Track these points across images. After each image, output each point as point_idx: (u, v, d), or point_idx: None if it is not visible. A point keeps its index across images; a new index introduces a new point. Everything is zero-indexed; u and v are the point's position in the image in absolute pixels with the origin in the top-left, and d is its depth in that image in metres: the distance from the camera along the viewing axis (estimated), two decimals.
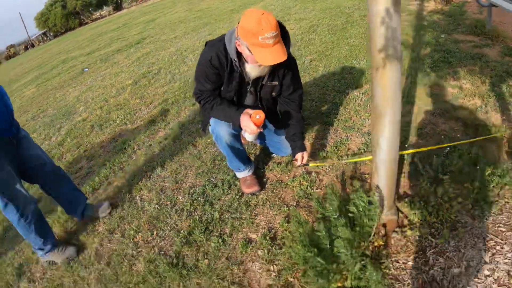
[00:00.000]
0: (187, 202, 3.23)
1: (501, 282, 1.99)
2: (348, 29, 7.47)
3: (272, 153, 3.55)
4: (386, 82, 1.98)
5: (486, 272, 2.07)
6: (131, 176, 4.00)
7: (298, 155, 3.11)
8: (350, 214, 2.27)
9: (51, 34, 51.16)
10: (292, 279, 2.30)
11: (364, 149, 3.38)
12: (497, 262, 2.11)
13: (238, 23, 2.48)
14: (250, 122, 2.60)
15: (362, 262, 2.09)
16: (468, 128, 3.43)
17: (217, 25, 11.82)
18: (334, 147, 3.50)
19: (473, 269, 2.11)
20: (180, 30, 12.94)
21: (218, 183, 3.37)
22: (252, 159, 3.55)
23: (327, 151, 3.47)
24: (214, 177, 3.50)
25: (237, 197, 3.13)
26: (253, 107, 2.84)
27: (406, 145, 3.32)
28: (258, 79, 2.84)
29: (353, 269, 2.05)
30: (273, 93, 2.96)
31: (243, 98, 2.98)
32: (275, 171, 3.36)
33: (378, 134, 2.18)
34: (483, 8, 6.74)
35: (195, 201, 3.21)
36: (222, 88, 2.83)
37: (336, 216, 2.19)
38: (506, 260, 2.10)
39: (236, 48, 2.58)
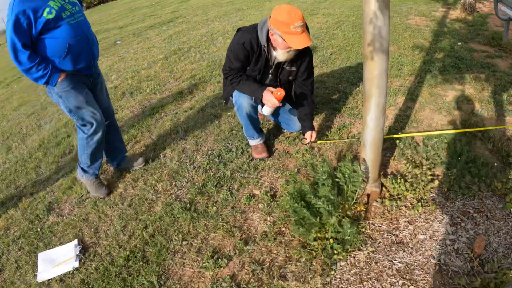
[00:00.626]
0: (204, 161, 3.76)
1: (459, 252, 2.43)
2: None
3: (283, 129, 4.06)
4: (373, 71, 2.46)
5: (448, 242, 2.52)
6: (157, 137, 4.54)
7: (307, 134, 3.65)
8: (337, 179, 2.74)
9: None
10: (284, 229, 2.79)
11: None
12: (459, 235, 2.56)
13: (270, 16, 3.08)
14: (272, 97, 3.17)
15: (342, 219, 2.57)
16: (459, 125, 3.87)
17: (249, 11, 12.24)
18: (338, 129, 3.99)
19: (437, 237, 2.57)
20: (212, 13, 13.36)
21: (233, 148, 3.88)
22: (265, 132, 4.03)
23: (332, 131, 3.95)
24: (230, 143, 4.00)
25: (248, 161, 3.65)
26: (273, 86, 3.36)
27: (399, 133, 3.78)
28: (279, 64, 3.41)
29: (330, 222, 2.52)
30: (290, 77, 3.53)
31: (264, 78, 3.52)
32: (283, 144, 3.86)
33: (366, 114, 2.65)
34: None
35: (211, 161, 3.73)
36: (248, 68, 3.40)
37: (324, 178, 2.65)
38: (468, 235, 2.54)
39: (267, 36, 3.18)
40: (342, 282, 2.34)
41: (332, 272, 2.39)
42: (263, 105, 3.40)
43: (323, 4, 11.69)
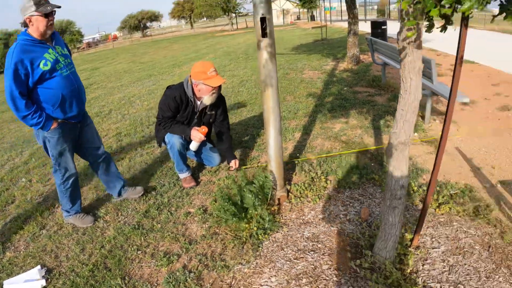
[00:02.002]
0: (143, 196, 4.54)
1: (351, 220, 3.47)
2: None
3: (206, 165, 5.03)
4: (269, 102, 3.57)
5: (341, 216, 3.61)
6: (97, 182, 5.17)
7: (232, 162, 4.74)
8: (253, 184, 3.74)
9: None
10: (217, 230, 3.66)
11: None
12: (349, 211, 3.64)
13: (190, 75, 4.30)
14: (198, 133, 4.31)
15: (262, 213, 3.55)
16: (345, 147, 5.13)
17: (160, 77, 13.40)
18: (250, 160, 5.09)
19: (333, 215, 3.64)
20: (125, 79, 14.38)
21: (166, 183, 4.72)
22: (192, 169, 4.97)
23: (247, 161, 5.02)
24: (163, 180, 4.84)
25: (180, 190, 4.52)
26: (198, 126, 4.47)
27: (298, 154, 4.96)
28: (202, 110, 4.52)
29: (255, 213, 3.50)
30: (211, 120, 4.67)
31: (191, 122, 4.57)
32: (207, 175, 4.82)
33: (268, 136, 3.75)
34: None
35: (149, 194, 4.51)
36: (178, 115, 4.46)
37: (245, 183, 3.66)
38: (355, 210, 3.65)
39: (193, 89, 4.32)
40: (268, 252, 3.24)
41: (260, 248, 3.29)
42: (190, 142, 4.43)
43: (228, 67, 13.28)
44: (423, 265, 2.97)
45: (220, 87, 4.42)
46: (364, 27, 23.67)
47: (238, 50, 19.46)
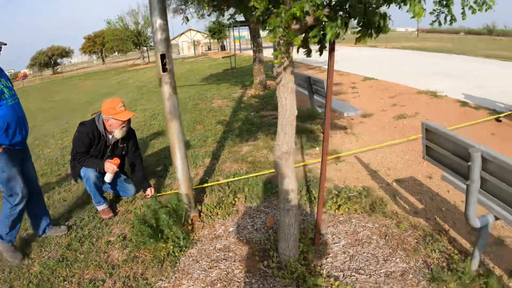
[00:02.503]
0: (67, 228, 4.61)
1: (258, 230, 3.81)
2: (181, 115, 9.53)
3: (122, 196, 5.16)
4: (173, 130, 3.92)
5: (249, 227, 3.97)
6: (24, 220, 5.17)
7: (148, 190, 4.99)
8: (167, 207, 3.97)
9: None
10: (137, 253, 3.84)
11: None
12: (256, 222, 3.99)
13: (101, 112, 4.59)
14: (111, 164, 4.54)
15: (177, 232, 3.78)
16: (251, 167, 5.49)
17: (74, 115, 13.22)
18: (164, 188, 5.29)
19: (242, 227, 3.95)
20: (38, 119, 14.03)
21: (85, 217, 4.80)
22: (109, 201, 5.10)
23: (161, 189, 5.23)
24: (82, 214, 4.91)
25: (99, 221, 4.64)
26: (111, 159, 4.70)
27: (208, 178, 5.26)
28: (115, 144, 4.77)
29: (170, 234, 3.72)
30: (123, 152, 4.91)
31: (104, 155, 4.77)
32: (124, 206, 4.98)
33: (175, 160, 4.08)
34: None
35: (70, 229, 4.57)
36: (91, 150, 4.66)
37: (159, 207, 3.88)
38: (262, 220, 4.00)
39: (104, 124, 4.58)
40: (185, 266, 3.50)
41: (177, 264, 3.55)
42: (105, 174, 4.62)
43: (140, 101, 13.42)
44: (326, 259, 3.42)
45: (129, 121, 4.73)
46: (270, 54, 24.67)
47: (149, 84, 19.74)
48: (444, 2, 2.38)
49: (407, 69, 15.27)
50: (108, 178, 4.64)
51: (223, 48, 51.99)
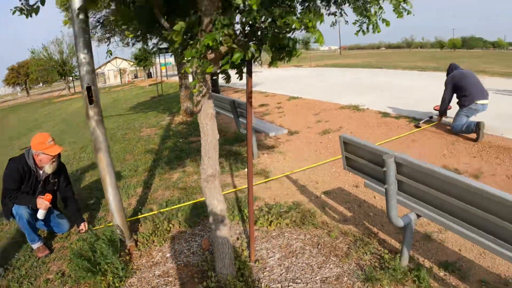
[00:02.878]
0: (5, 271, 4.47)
1: (195, 253, 3.89)
2: (111, 145, 9.46)
3: (56, 233, 5.08)
4: (103, 163, 3.94)
5: (185, 250, 4.00)
6: None
7: (82, 225, 4.90)
8: (102, 239, 3.99)
9: None
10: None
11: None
12: (192, 245, 4.05)
13: (30, 147, 4.54)
14: (43, 200, 4.44)
15: (115, 263, 3.81)
16: (183, 193, 5.59)
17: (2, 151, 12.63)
18: (98, 220, 5.25)
19: (177, 251, 4.02)
20: None
21: (21, 257, 4.65)
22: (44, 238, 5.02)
23: (95, 223, 5.19)
24: (17, 254, 4.74)
25: (36, 260, 4.50)
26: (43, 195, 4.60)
27: (141, 207, 5.30)
28: (46, 179, 4.71)
29: (107, 266, 3.74)
30: (55, 187, 4.84)
31: (36, 191, 4.68)
32: (60, 242, 4.86)
33: (106, 192, 4.09)
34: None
35: (6, 271, 4.37)
36: (22, 186, 4.56)
37: (95, 239, 3.90)
38: (198, 243, 4.05)
39: (34, 160, 4.54)
40: None
41: None
42: (37, 211, 4.52)
43: (68, 134, 13.18)
44: (263, 273, 3.58)
45: (59, 155, 4.71)
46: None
47: (76, 116, 19.15)
48: (365, 13, 2.67)
49: (331, 86, 15.98)
50: (41, 214, 4.54)
51: (149, 75, 51.42)
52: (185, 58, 2.40)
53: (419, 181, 2.97)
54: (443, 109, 7.57)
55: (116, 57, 67.03)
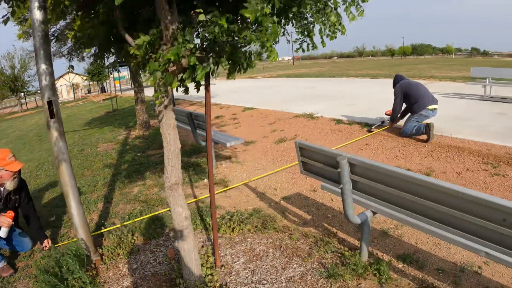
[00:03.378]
0: None
1: (161, 262, 3.97)
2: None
3: (19, 251, 5.03)
4: (65, 176, 3.98)
5: (152, 261, 4.06)
6: None
7: (45, 242, 4.80)
8: (68, 255, 4.03)
9: None
10: None
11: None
12: (158, 256, 4.13)
13: None
14: (6, 218, 4.36)
15: (82, 277, 3.85)
16: (144, 205, 5.67)
17: None
18: (61, 237, 5.25)
19: (144, 262, 4.09)
20: None
21: None
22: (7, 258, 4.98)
23: (57, 239, 5.18)
24: None
25: (0, 280, 4.43)
26: (5, 212, 4.51)
27: (104, 222, 5.33)
28: (7, 196, 4.61)
29: (74, 281, 3.79)
30: (16, 204, 4.74)
31: None
32: (24, 260, 4.79)
33: (69, 207, 4.10)
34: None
35: None
36: None
37: (60, 255, 3.93)
38: (163, 253, 4.14)
39: None
40: None
41: None
42: None
43: (23, 151, 12.94)
44: (230, 277, 3.72)
45: (20, 171, 4.66)
46: (151, 94, 24.88)
47: (30, 133, 18.61)
48: (306, 33, 2.89)
49: (284, 95, 16.36)
50: (3, 233, 4.45)
51: (103, 90, 50.75)
52: (148, 71, 2.54)
53: (372, 179, 3.20)
54: (394, 117, 8.01)
55: (69, 72, 65.47)
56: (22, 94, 46.77)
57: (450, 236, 2.84)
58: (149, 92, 14.47)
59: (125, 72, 51.08)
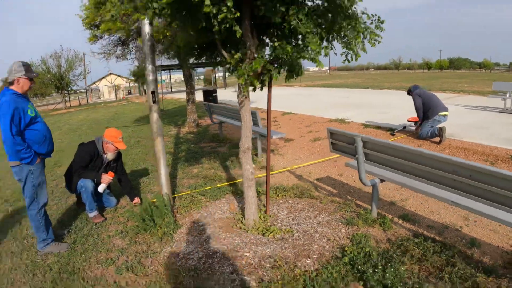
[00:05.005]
0: (67, 233, 5.83)
1: (225, 211, 5.53)
2: (127, 150, 11.13)
3: (106, 207, 6.59)
4: (158, 144, 5.70)
5: (219, 212, 5.63)
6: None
7: (136, 199, 6.42)
8: (157, 204, 5.62)
9: None
10: (137, 239, 5.32)
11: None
12: (222, 208, 5.70)
13: (103, 135, 6.10)
14: (107, 176, 6.01)
15: (168, 219, 5.41)
16: (206, 180, 7.30)
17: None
18: (145, 193, 6.85)
19: (212, 213, 5.67)
20: None
21: (78, 224, 6.08)
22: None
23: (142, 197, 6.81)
24: (75, 224, 6.11)
25: (93, 225, 5.93)
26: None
27: (174, 191, 6.98)
28: (108, 163, 6.26)
29: (161, 222, 5.37)
30: (114, 170, 6.32)
31: (100, 171, 6.20)
32: (110, 213, 6.36)
33: (159, 169, 5.80)
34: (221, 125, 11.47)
35: (69, 232, 5.75)
36: (90, 165, 6.08)
37: (150, 204, 5.54)
38: (225, 210, 5.71)
39: (103, 146, 6.08)
40: (180, 237, 5.11)
41: (173, 239, 5.12)
42: (98, 186, 6.03)
43: (77, 142, 14.41)
44: (276, 221, 5.26)
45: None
46: (199, 97, 26.41)
47: (82, 126, 20.63)
48: (349, 47, 4.09)
49: (320, 103, 18.20)
50: (101, 188, 6.02)
51: (145, 92, 52.03)
52: (236, 74, 4.12)
53: (378, 151, 4.74)
54: (419, 115, 9.40)
55: (110, 73, 68.94)
56: (66, 92, 48.76)
57: (429, 190, 4.29)
58: (199, 96, 16.08)
59: (164, 76, 52.66)
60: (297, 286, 3.69)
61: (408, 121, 9.97)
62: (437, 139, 8.65)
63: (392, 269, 3.68)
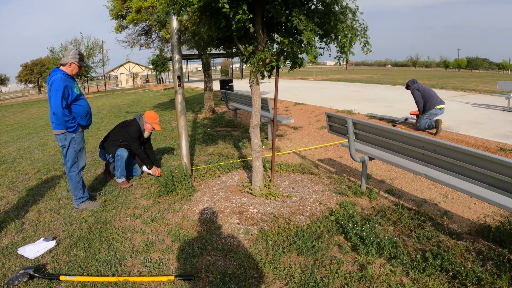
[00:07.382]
0: (98, 195, 6.82)
1: (237, 180, 6.49)
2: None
3: (132, 176, 7.57)
4: (182, 122, 6.72)
5: (230, 181, 6.59)
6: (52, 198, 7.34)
7: (156, 169, 7.38)
8: (176, 171, 6.59)
9: None
10: (159, 200, 6.29)
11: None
12: (233, 177, 6.66)
13: (143, 115, 7.17)
14: (157, 169, 7.19)
15: (187, 184, 6.38)
16: (220, 156, 8.30)
17: (42, 134, 14.47)
18: (167, 165, 7.85)
19: (224, 181, 6.63)
20: (4, 138, 14.94)
21: (107, 188, 7.07)
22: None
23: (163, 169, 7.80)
24: (104, 189, 7.08)
25: (121, 190, 6.91)
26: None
27: (192, 165, 7.93)
28: (144, 139, 7.33)
29: (181, 186, 6.33)
30: (145, 145, 7.46)
31: (141, 145, 7.30)
32: (135, 181, 7.34)
33: (181, 143, 6.84)
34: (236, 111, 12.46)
35: (100, 194, 6.72)
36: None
37: (172, 173, 6.52)
38: (235, 179, 6.67)
39: (143, 125, 7.13)
40: (196, 198, 6.03)
41: (191, 199, 6.07)
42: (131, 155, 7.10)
43: (101, 124, 15.36)
44: (279, 189, 6.21)
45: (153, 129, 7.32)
46: (217, 87, 27.49)
47: (103, 111, 21.77)
48: (342, 51, 4.97)
49: (331, 96, 19.12)
50: (145, 169, 7.29)
51: (162, 80, 54.40)
52: (249, 63, 5.08)
53: (366, 131, 5.67)
54: (420, 107, 10.13)
55: (129, 61, 70.01)
56: (86, 79, 49.98)
57: (407, 165, 5.17)
58: (215, 86, 16.97)
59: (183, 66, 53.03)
60: (290, 234, 4.64)
61: (410, 114, 10.80)
62: (434, 130, 9.50)
63: (369, 226, 4.59)
